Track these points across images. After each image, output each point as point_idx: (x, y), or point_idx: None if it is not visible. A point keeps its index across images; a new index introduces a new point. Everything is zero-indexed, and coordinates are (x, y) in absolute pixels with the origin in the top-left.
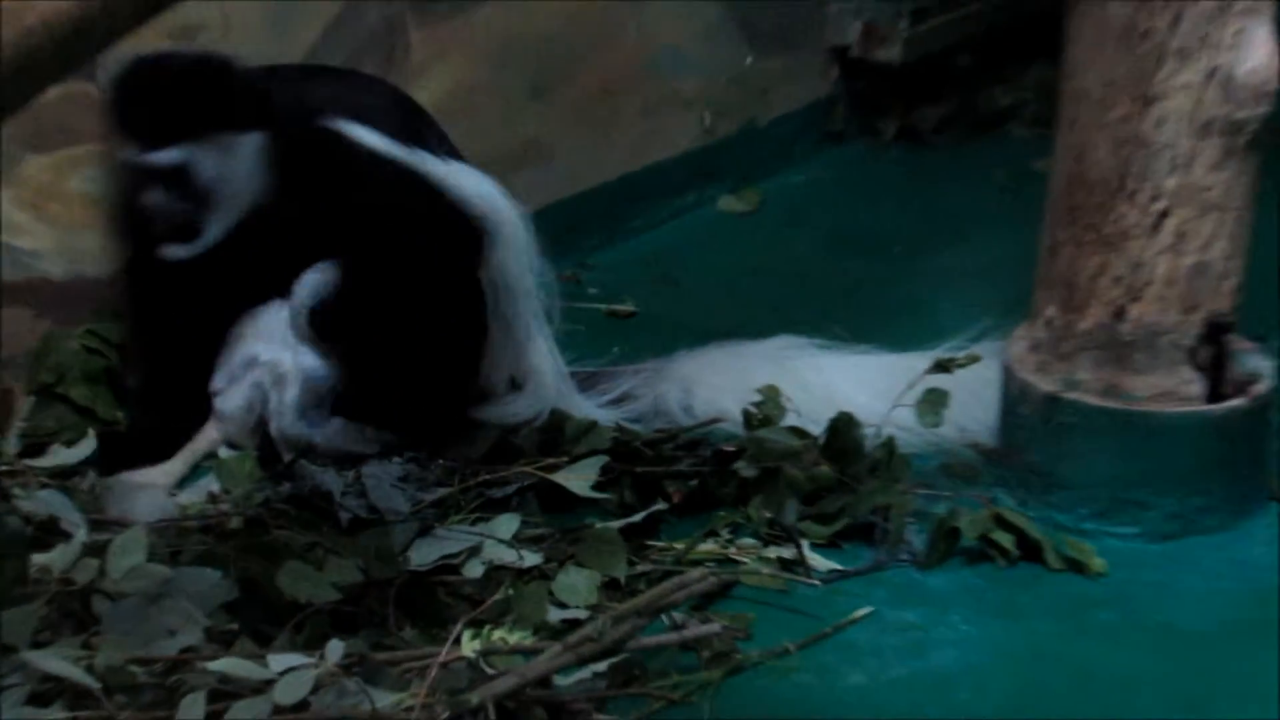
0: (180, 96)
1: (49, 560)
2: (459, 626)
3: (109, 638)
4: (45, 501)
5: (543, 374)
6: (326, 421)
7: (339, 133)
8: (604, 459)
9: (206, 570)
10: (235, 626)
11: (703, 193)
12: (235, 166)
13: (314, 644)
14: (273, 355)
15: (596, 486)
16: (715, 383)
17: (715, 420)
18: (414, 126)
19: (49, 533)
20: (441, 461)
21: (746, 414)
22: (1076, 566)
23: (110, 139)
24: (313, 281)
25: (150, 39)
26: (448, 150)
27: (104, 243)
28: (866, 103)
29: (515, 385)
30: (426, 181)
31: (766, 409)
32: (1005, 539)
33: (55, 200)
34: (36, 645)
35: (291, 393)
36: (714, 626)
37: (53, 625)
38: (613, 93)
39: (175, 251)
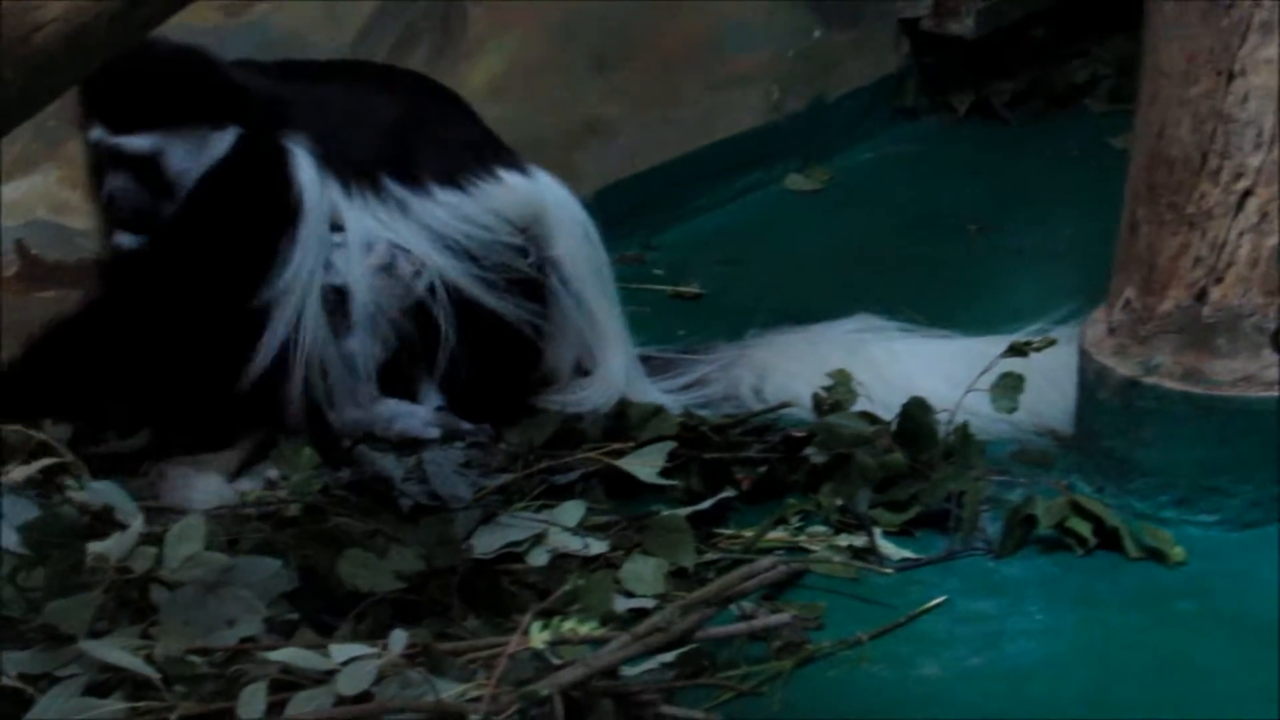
0: (159, 84)
1: (106, 549)
2: (528, 617)
3: (167, 627)
4: (99, 491)
5: (612, 362)
6: (378, 403)
7: (283, 154)
8: (671, 445)
9: (266, 559)
10: (295, 616)
11: (769, 171)
12: (203, 162)
13: (376, 634)
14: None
15: (663, 473)
16: (789, 368)
17: (785, 405)
18: (413, 145)
19: (106, 522)
20: (504, 447)
21: (817, 398)
22: (1155, 555)
23: (81, 117)
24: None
25: (203, 13)
26: (479, 155)
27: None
28: (938, 77)
29: (582, 372)
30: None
31: (837, 393)
32: (1082, 527)
33: None
34: (94, 635)
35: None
36: (784, 616)
37: (110, 615)
38: (676, 68)
39: (126, 240)
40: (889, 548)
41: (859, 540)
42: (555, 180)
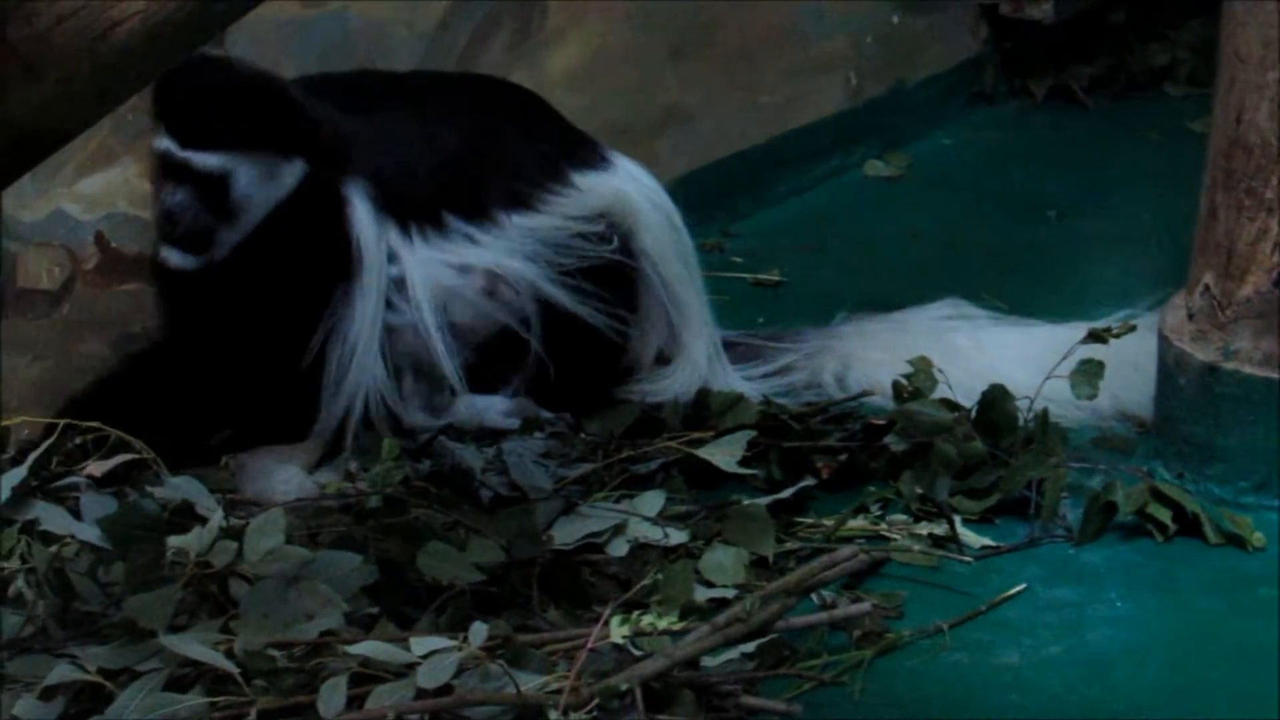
0: (236, 105)
1: (186, 543)
2: (608, 611)
3: (247, 621)
4: (178, 486)
5: (695, 350)
6: (452, 400)
7: (340, 205)
8: (751, 433)
9: (345, 553)
10: (375, 610)
11: (849, 157)
12: (267, 191)
13: (456, 626)
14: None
15: (743, 462)
16: (873, 356)
17: (865, 393)
18: (479, 173)
19: (186, 516)
20: (584, 436)
21: (897, 386)
22: (1235, 541)
23: (152, 125)
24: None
25: (282, 6)
26: (553, 164)
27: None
28: (1017, 62)
29: (664, 360)
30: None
31: (918, 380)
32: (1162, 513)
33: None
34: (174, 629)
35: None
36: (864, 606)
37: (190, 609)
38: (754, 55)
39: (174, 258)
40: (969, 535)
41: (939, 528)
42: (641, 168)
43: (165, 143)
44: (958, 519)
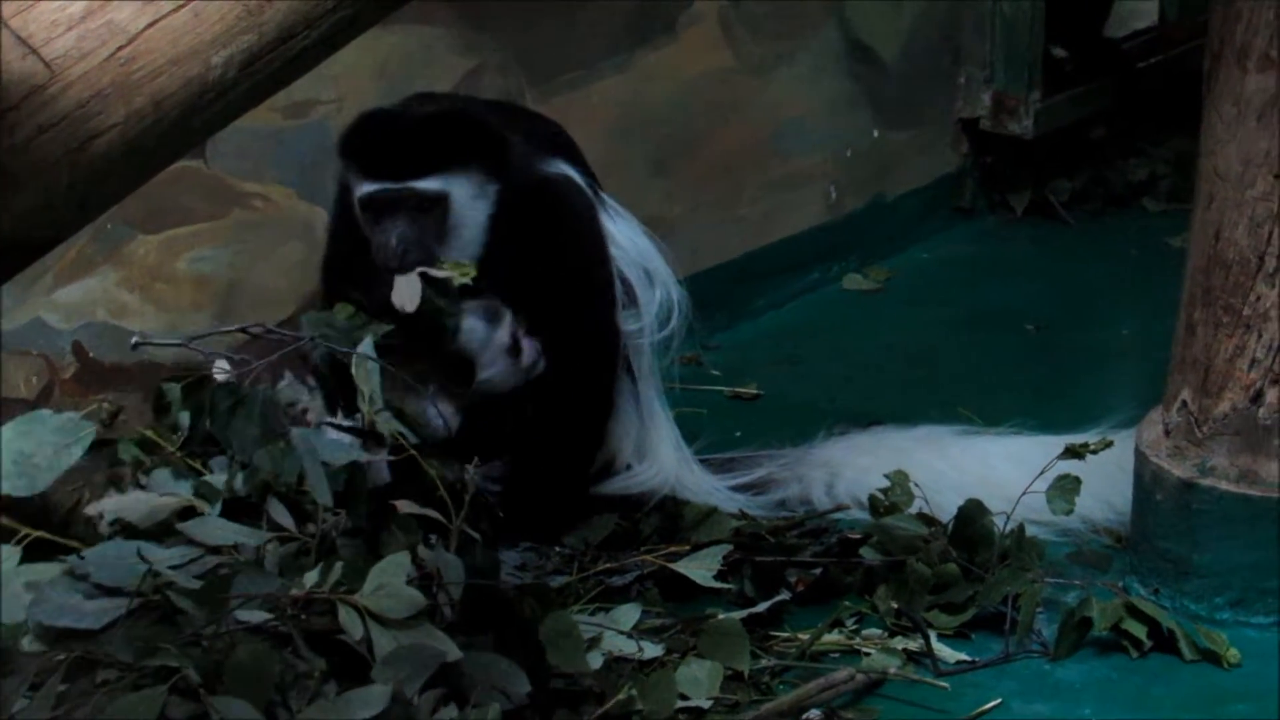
0: (445, 130)
1: None
2: None
3: None
4: None
5: (663, 447)
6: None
7: (561, 188)
8: (726, 547)
9: None
10: None
11: (828, 271)
12: (478, 211)
13: None
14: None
15: (718, 575)
16: (854, 477)
17: (840, 508)
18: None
19: None
20: (559, 549)
21: (873, 500)
22: (1211, 658)
23: (350, 175)
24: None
25: (264, 117)
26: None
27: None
28: (997, 176)
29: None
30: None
31: (894, 495)
32: (1138, 629)
33: (163, 281)
34: None
35: None
36: None
37: None
38: (735, 168)
39: (403, 298)
40: (945, 650)
41: (914, 643)
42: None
43: (373, 185)
44: (933, 634)
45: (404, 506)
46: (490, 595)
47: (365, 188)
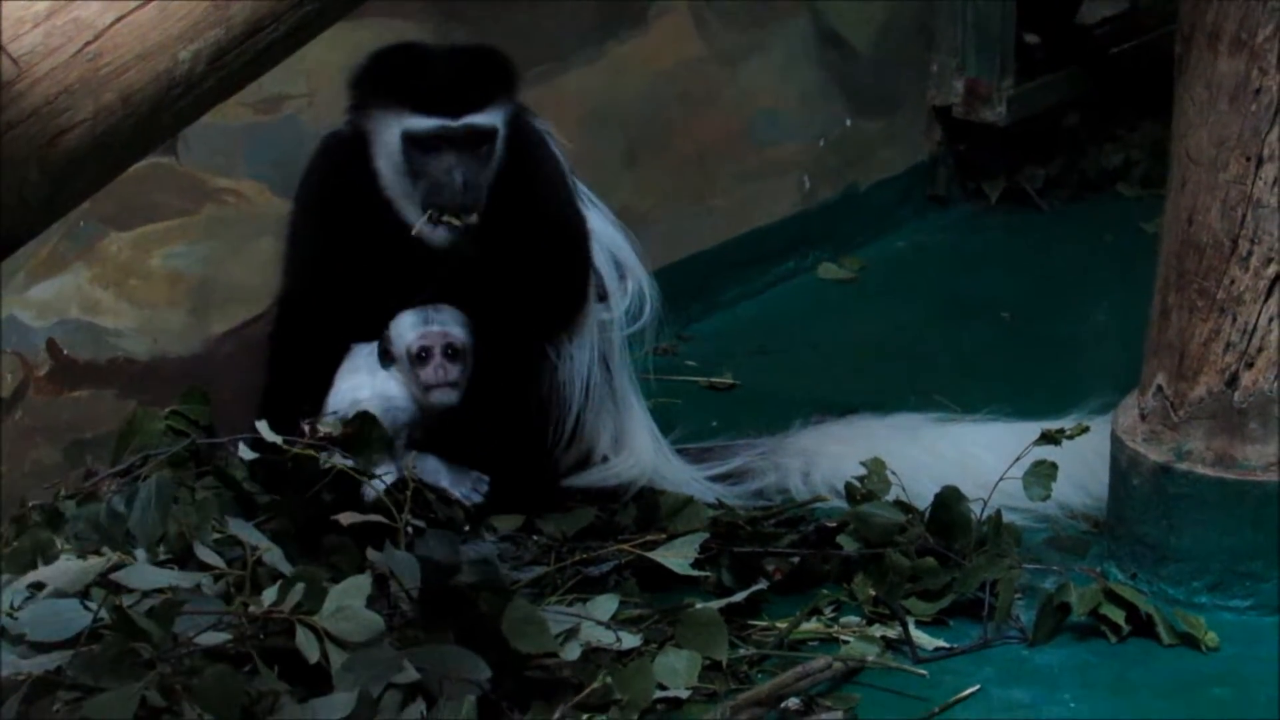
0: (489, 66)
1: None
2: (558, 715)
3: None
4: None
5: (639, 438)
6: (407, 454)
7: (544, 141)
8: (703, 536)
9: None
10: None
11: (802, 260)
12: (502, 148)
13: None
14: (353, 384)
15: (695, 564)
16: (830, 465)
17: (818, 499)
18: None
19: None
20: (536, 539)
21: (850, 488)
22: (1189, 641)
23: (397, 114)
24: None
25: (235, 112)
26: None
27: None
28: (970, 164)
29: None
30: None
31: (871, 483)
32: (1116, 614)
33: (136, 278)
34: None
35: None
36: (835, 714)
37: None
38: (708, 158)
39: (439, 235)
40: (923, 637)
41: (893, 630)
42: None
43: (428, 121)
44: (911, 621)
45: (346, 518)
46: (447, 592)
47: (417, 124)
